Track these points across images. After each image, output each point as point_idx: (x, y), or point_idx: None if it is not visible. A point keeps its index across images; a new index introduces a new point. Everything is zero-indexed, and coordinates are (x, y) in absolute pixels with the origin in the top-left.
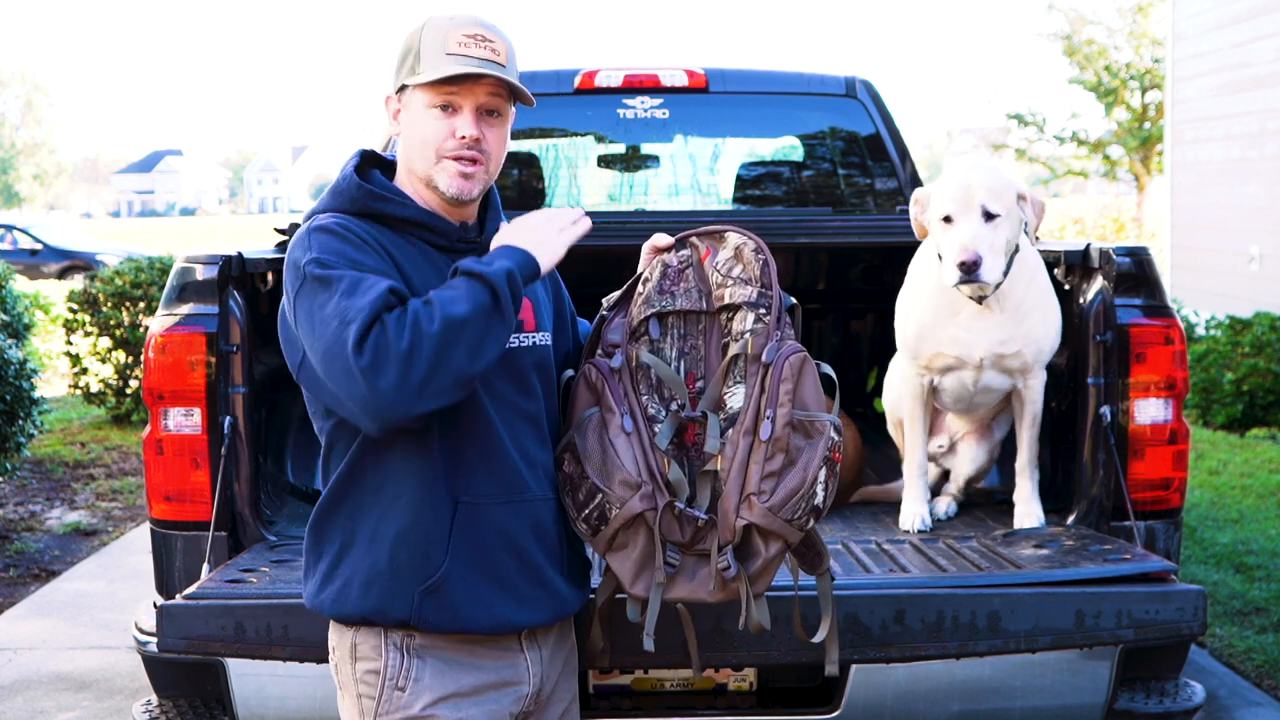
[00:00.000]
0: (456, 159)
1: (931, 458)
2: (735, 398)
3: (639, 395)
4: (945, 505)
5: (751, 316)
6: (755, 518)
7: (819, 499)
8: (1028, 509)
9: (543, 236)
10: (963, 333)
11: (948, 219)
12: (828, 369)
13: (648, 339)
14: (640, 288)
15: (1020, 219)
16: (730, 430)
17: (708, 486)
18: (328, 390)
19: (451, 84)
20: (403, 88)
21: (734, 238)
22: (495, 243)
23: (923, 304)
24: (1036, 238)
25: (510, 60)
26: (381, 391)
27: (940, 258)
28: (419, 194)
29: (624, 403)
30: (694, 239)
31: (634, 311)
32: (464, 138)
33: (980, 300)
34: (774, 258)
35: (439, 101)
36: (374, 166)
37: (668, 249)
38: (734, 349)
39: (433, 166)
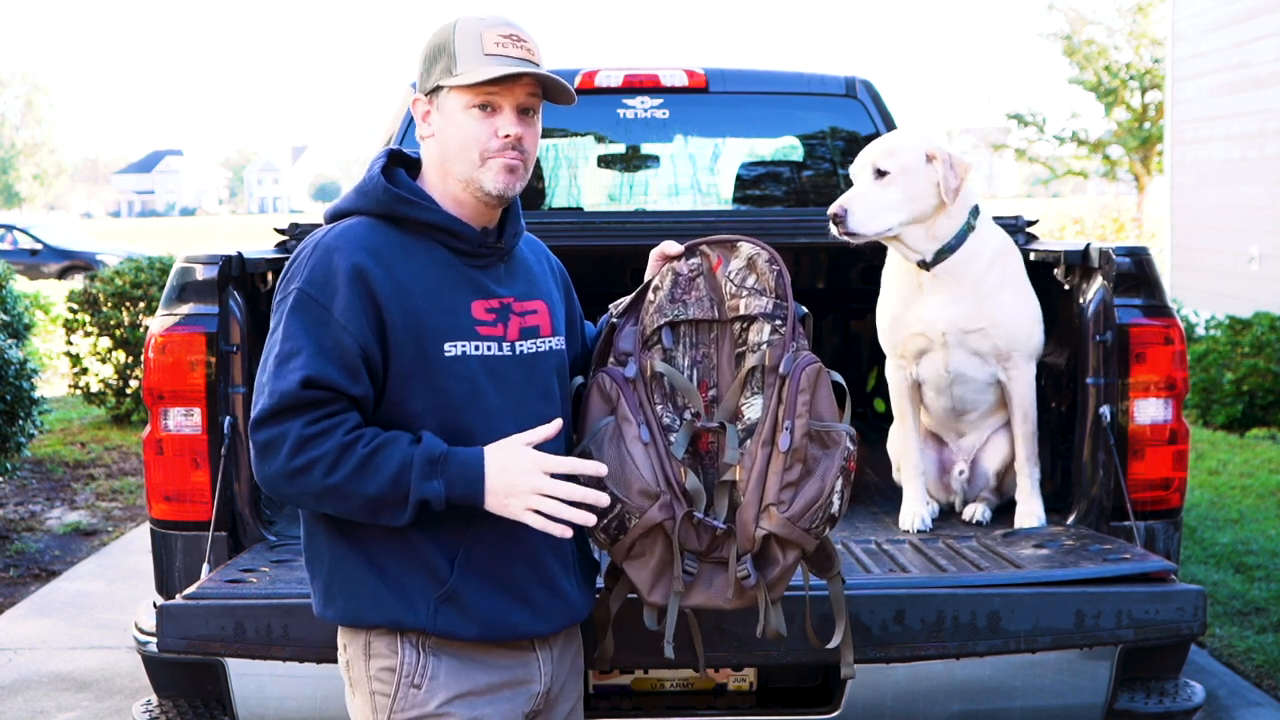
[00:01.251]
0: (501, 156)
1: (961, 504)
2: (753, 409)
3: (653, 405)
4: (980, 510)
5: (768, 328)
6: (774, 527)
7: (835, 508)
8: (1028, 508)
9: (512, 488)
10: (924, 309)
11: (851, 182)
12: (838, 377)
13: (661, 348)
14: (651, 295)
15: (932, 179)
16: (748, 441)
17: (725, 496)
18: None
19: (493, 84)
20: (435, 89)
21: (747, 248)
22: (487, 452)
23: (891, 288)
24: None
25: (541, 59)
26: (257, 468)
27: None
28: (449, 194)
29: (640, 412)
30: (704, 247)
31: (646, 320)
32: (507, 136)
33: (926, 268)
34: (788, 273)
35: (479, 102)
36: (399, 165)
37: (677, 257)
38: (751, 361)
39: (477, 168)
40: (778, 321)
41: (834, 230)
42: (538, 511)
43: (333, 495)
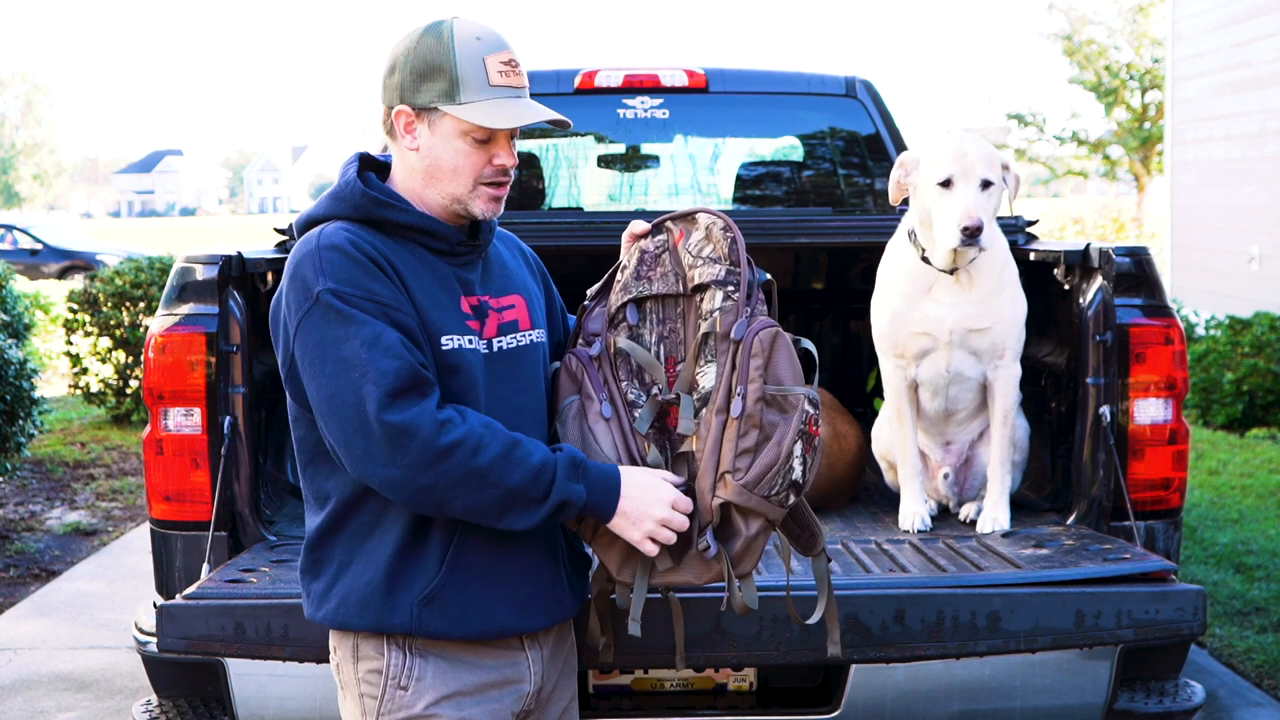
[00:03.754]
0: (492, 185)
1: (955, 506)
2: (707, 377)
3: (618, 381)
4: (976, 509)
5: (720, 294)
6: (731, 495)
7: (797, 474)
8: (991, 514)
9: (643, 515)
10: (934, 307)
11: (946, 183)
12: (807, 344)
13: (626, 325)
14: (618, 275)
15: (1003, 189)
16: (704, 410)
17: (684, 467)
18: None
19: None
20: (429, 108)
21: (704, 218)
22: (623, 471)
23: (892, 288)
24: (1021, 220)
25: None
26: (387, 458)
27: (910, 227)
28: (425, 201)
29: (603, 389)
30: (669, 223)
31: (612, 299)
32: (502, 166)
33: (952, 272)
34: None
35: (482, 135)
36: (370, 169)
37: (644, 235)
38: (704, 328)
39: (469, 192)
40: (730, 288)
41: (960, 240)
42: (651, 539)
43: (474, 482)
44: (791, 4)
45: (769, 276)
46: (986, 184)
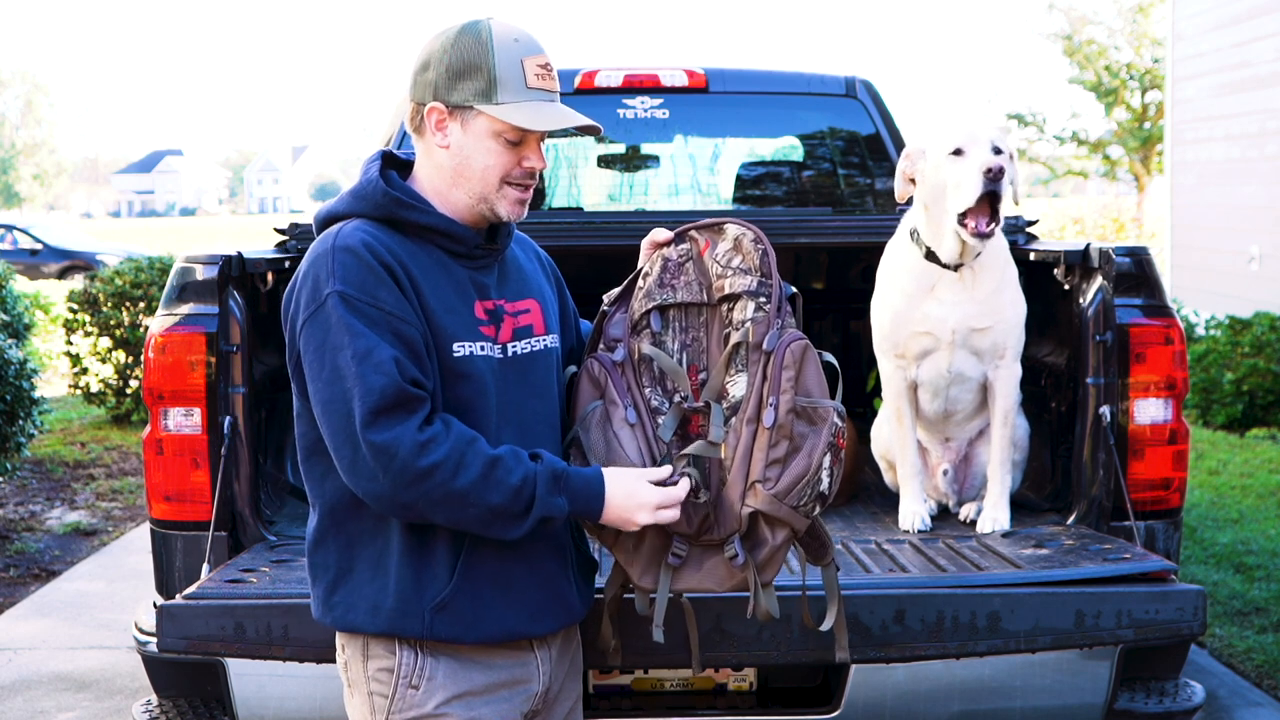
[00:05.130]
0: (519, 186)
1: (955, 506)
2: (737, 386)
3: (642, 388)
4: (976, 509)
5: (752, 305)
6: (760, 504)
7: (824, 485)
8: (991, 514)
9: (623, 521)
10: (936, 306)
11: (958, 152)
12: (830, 358)
13: (649, 332)
14: (641, 282)
15: (1010, 166)
16: (733, 419)
17: (713, 475)
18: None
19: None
20: (464, 106)
21: (733, 229)
22: (607, 476)
23: (893, 287)
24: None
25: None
26: (368, 475)
27: (912, 226)
28: (450, 201)
29: (627, 395)
30: (693, 232)
31: (635, 305)
32: (531, 168)
33: (957, 269)
34: (773, 252)
35: (514, 136)
36: (392, 167)
37: (667, 243)
38: (735, 337)
39: (495, 192)
40: (762, 299)
41: (983, 186)
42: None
43: (454, 502)
44: (791, 4)
45: (795, 290)
46: (998, 150)
